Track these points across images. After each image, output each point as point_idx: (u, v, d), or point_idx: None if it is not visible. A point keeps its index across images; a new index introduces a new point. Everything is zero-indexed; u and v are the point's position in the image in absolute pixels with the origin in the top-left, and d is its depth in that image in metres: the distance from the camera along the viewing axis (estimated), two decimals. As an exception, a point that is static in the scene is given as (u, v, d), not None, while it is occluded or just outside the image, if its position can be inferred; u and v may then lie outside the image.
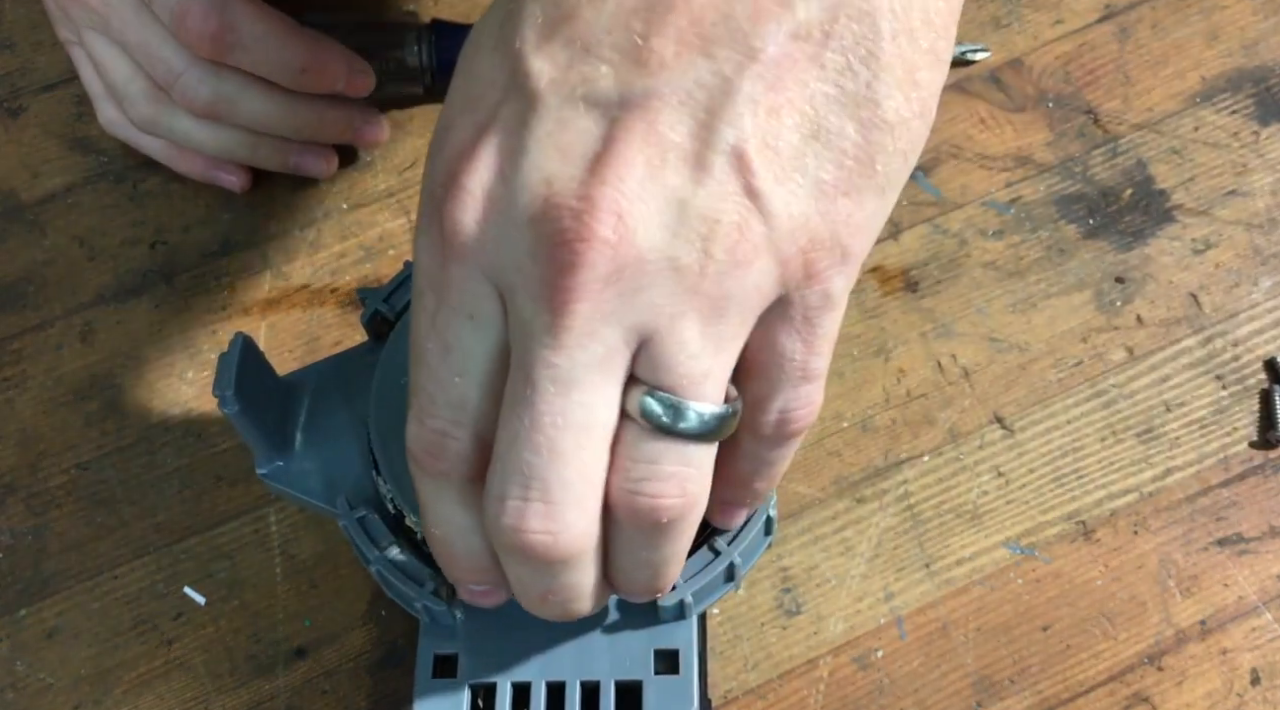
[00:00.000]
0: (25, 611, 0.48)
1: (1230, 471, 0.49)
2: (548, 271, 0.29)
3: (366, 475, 0.42)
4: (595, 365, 0.30)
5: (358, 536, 0.41)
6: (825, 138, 0.30)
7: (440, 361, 0.32)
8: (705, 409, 0.31)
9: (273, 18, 0.49)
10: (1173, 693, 0.45)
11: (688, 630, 0.41)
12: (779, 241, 0.30)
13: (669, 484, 0.32)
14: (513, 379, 0.31)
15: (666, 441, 0.32)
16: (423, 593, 0.40)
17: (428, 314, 0.32)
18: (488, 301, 0.31)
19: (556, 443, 0.31)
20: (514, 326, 0.31)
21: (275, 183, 0.56)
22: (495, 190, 0.30)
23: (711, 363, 0.31)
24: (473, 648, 0.41)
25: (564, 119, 0.30)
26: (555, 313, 0.30)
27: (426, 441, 0.33)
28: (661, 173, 0.29)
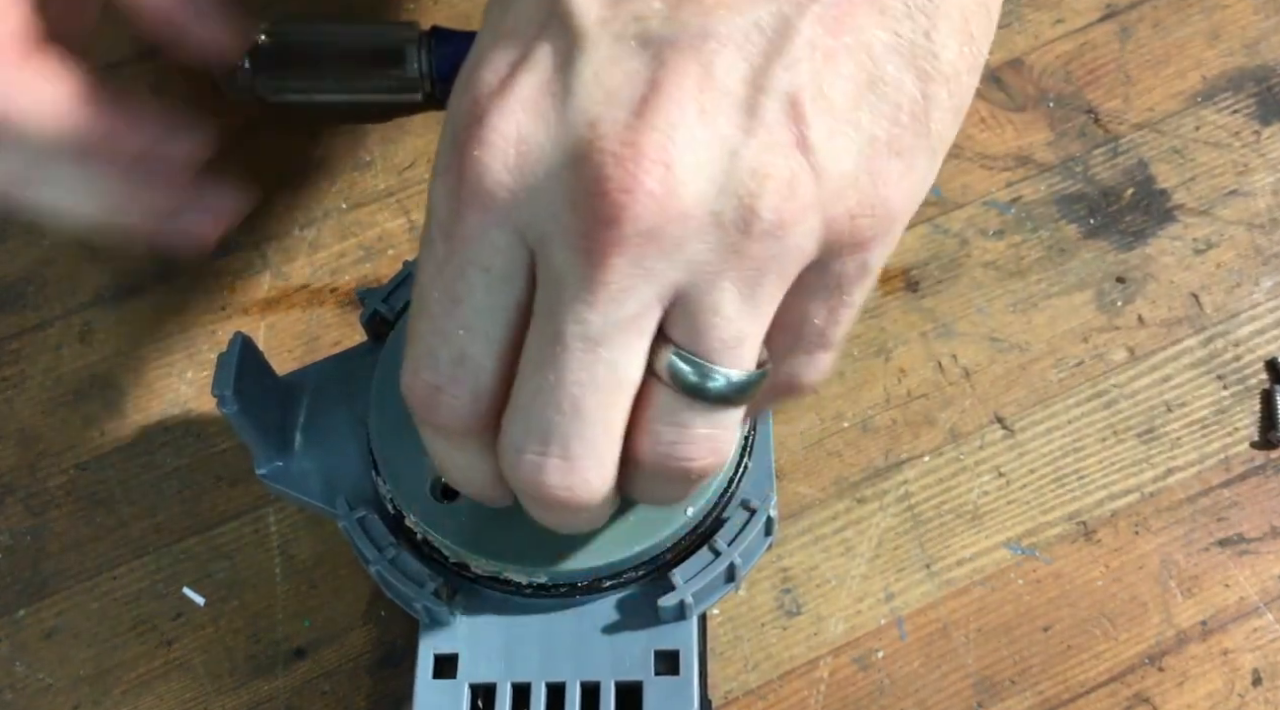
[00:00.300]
0: (24, 612, 0.48)
1: (1231, 472, 0.49)
2: (587, 222, 0.27)
3: (366, 475, 0.42)
4: (628, 323, 0.29)
5: (358, 537, 0.40)
6: (882, 89, 0.28)
7: (444, 312, 0.30)
8: (735, 374, 0.30)
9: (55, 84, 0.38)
10: (1174, 693, 0.45)
11: (688, 631, 0.41)
12: (827, 201, 0.28)
13: (698, 446, 0.31)
14: (538, 333, 0.30)
15: (695, 404, 0.31)
16: (422, 593, 0.40)
17: (435, 262, 0.30)
18: (507, 254, 0.29)
19: (580, 401, 0.30)
20: (543, 279, 0.29)
21: (274, 182, 0.56)
22: (532, 133, 0.28)
23: (746, 327, 0.30)
24: (472, 648, 0.41)
25: (612, 58, 0.28)
26: (592, 266, 0.28)
27: (420, 394, 0.32)
28: (714, 120, 0.28)
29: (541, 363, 0.30)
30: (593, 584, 0.41)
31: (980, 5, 0.30)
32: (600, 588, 0.41)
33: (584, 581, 0.41)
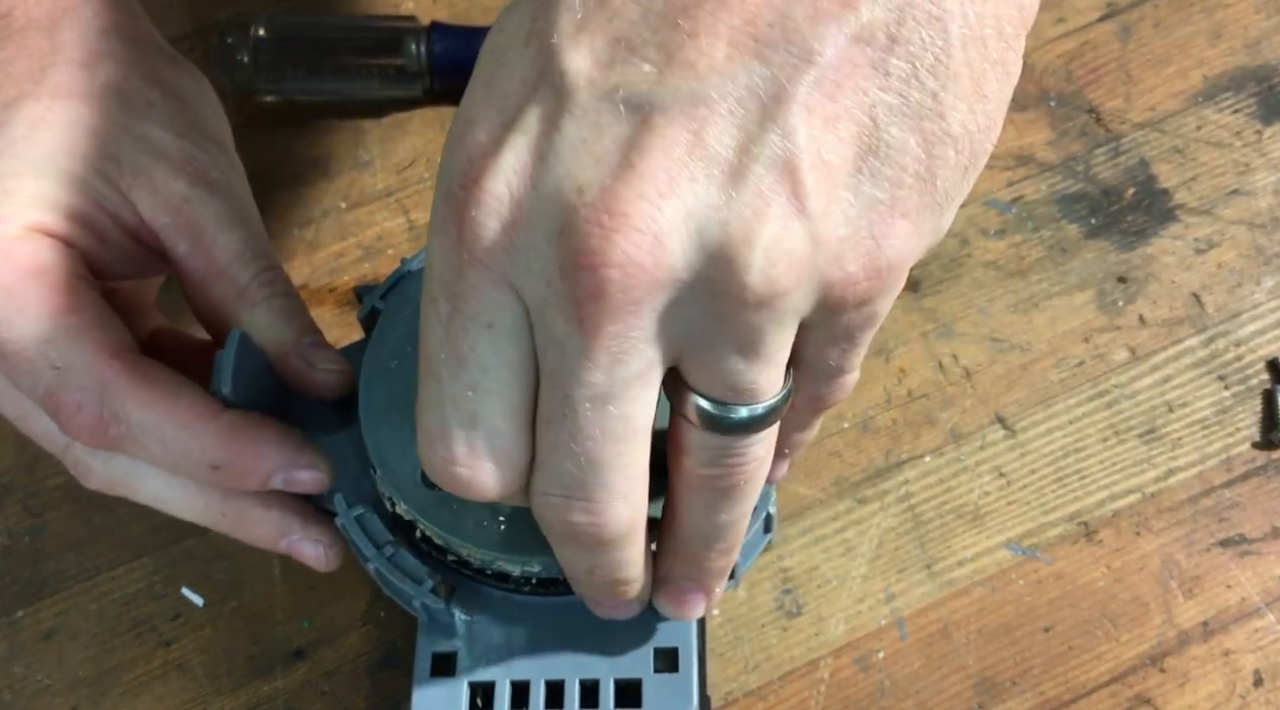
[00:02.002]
0: (23, 612, 0.48)
1: (1233, 472, 0.48)
2: (576, 292, 0.27)
3: (364, 473, 0.41)
4: (633, 380, 0.29)
5: (356, 535, 0.40)
6: (884, 152, 0.28)
7: (452, 374, 0.30)
8: (756, 407, 0.31)
9: (172, 402, 0.37)
10: (1175, 694, 0.45)
11: (687, 628, 0.41)
12: (825, 267, 0.28)
13: (735, 469, 0.32)
14: (547, 391, 0.30)
15: (724, 434, 0.31)
16: (421, 591, 0.40)
17: (440, 321, 0.30)
18: (508, 311, 0.29)
19: (595, 454, 0.30)
20: (544, 341, 0.29)
21: (273, 182, 0.56)
22: (522, 196, 0.28)
23: (754, 377, 0.30)
24: (471, 646, 0.41)
25: (600, 122, 0.27)
26: (587, 334, 0.28)
27: (437, 469, 0.32)
28: (704, 188, 0.27)
29: (554, 420, 0.30)
30: None
31: (997, 64, 0.29)
32: None
33: None
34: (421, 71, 0.56)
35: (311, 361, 0.40)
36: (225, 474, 0.38)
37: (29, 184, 0.37)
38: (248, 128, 0.57)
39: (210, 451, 0.38)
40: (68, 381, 0.36)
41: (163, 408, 0.37)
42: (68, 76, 0.39)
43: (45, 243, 0.37)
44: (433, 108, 0.57)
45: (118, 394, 0.37)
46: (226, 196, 0.40)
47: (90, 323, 0.37)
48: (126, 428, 0.37)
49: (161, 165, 0.39)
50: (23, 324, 0.36)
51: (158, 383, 0.37)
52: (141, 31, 0.43)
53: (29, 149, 0.38)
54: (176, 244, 0.40)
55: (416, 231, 0.55)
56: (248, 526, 0.41)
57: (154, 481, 0.40)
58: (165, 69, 0.42)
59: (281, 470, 0.39)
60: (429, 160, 0.56)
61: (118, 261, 0.40)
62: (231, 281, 0.40)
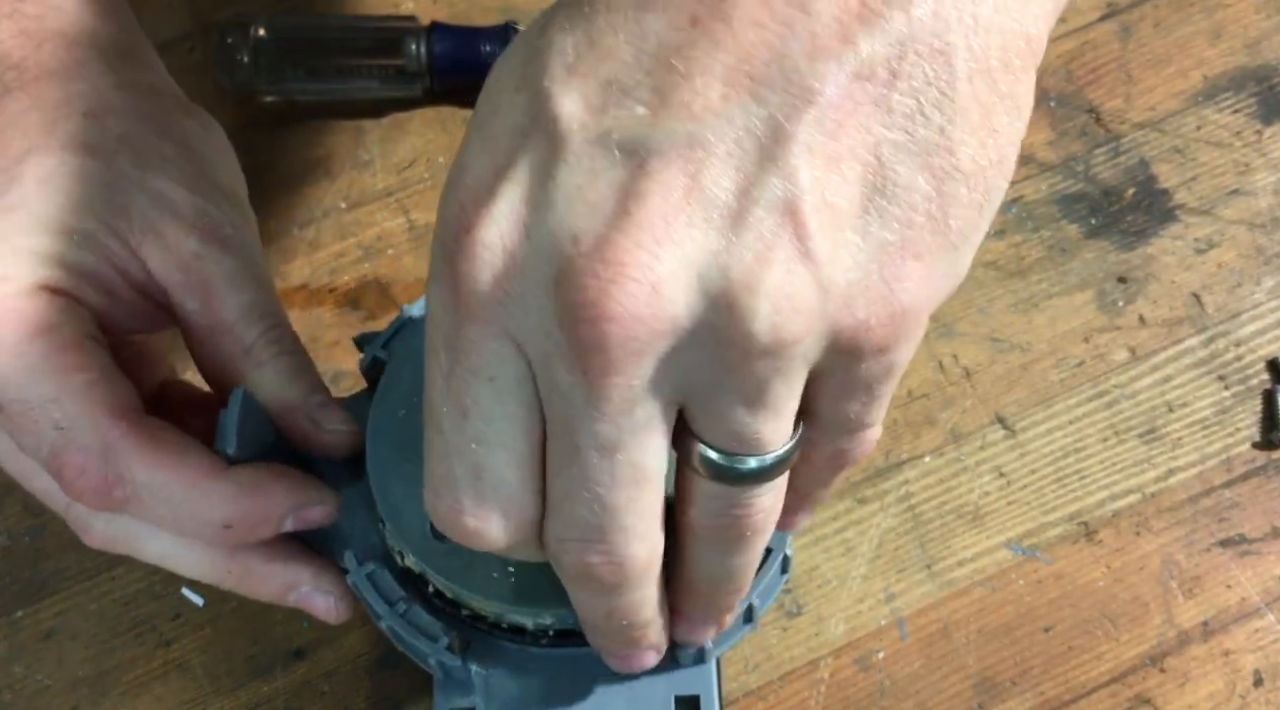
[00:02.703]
0: (22, 612, 0.48)
1: (1233, 472, 0.48)
2: (577, 345, 0.27)
3: (374, 528, 0.41)
4: (641, 428, 0.29)
5: (368, 592, 0.39)
6: (892, 192, 0.27)
7: (456, 428, 0.30)
8: (764, 458, 0.30)
9: (179, 463, 0.36)
10: (1175, 694, 0.45)
11: (708, 675, 0.40)
12: (834, 313, 0.27)
13: (743, 518, 0.32)
14: (555, 439, 0.29)
15: (731, 485, 0.31)
16: (436, 648, 0.39)
17: (441, 373, 0.29)
18: (510, 364, 0.29)
19: (607, 500, 0.30)
20: (548, 392, 0.29)
21: (273, 181, 0.56)
22: (515, 247, 0.27)
23: (760, 427, 0.29)
24: (489, 700, 0.40)
25: (594, 168, 0.26)
26: (591, 386, 0.27)
27: (445, 522, 0.31)
28: (704, 233, 0.26)
29: (564, 468, 0.30)
30: None
31: (1005, 97, 0.28)
32: None
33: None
34: (421, 71, 0.56)
35: (318, 421, 0.40)
36: (237, 531, 0.37)
37: (39, 241, 0.37)
38: (248, 128, 0.57)
39: (220, 510, 0.37)
40: (72, 442, 0.36)
41: (170, 469, 0.36)
42: (80, 128, 0.39)
43: (53, 301, 0.37)
44: (433, 108, 0.57)
45: (123, 455, 0.36)
46: (238, 253, 0.40)
47: (96, 382, 0.36)
48: (132, 489, 0.36)
49: (173, 221, 0.39)
50: (27, 383, 0.35)
51: (164, 443, 0.36)
52: (155, 81, 0.42)
53: (40, 206, 0.37)
54: (185, 301, 0.39)
55: (416, 231, 0.55)
56: (255, 583, 0.40)
57: (158, 541, 0.39)
58: (179, 120, 0.42)
59: (290, 513, 0.38)
60: (429, 160, 0.56)
61: (126, 317, 0.39)
62: (238, 339, 0.39)
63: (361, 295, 0.53)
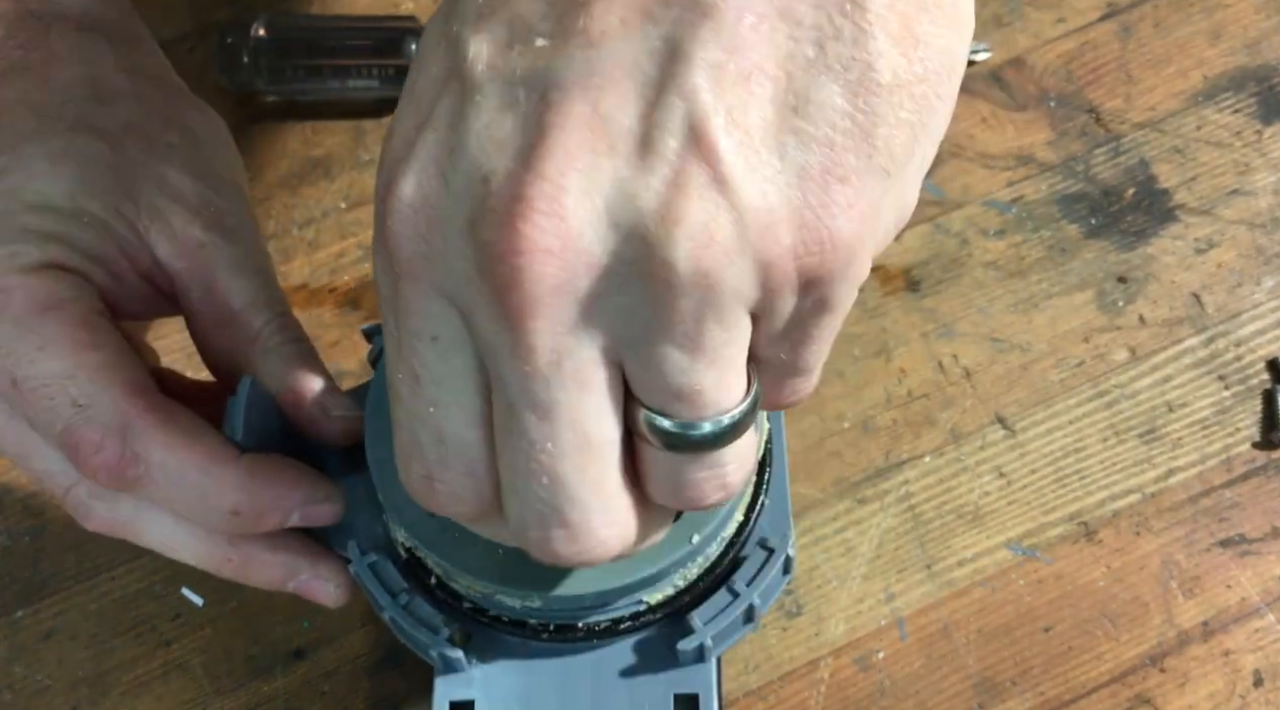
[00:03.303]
0: (22, 612, 0.48)
1: (1233, 472, 0.48)
2: (495, 288, 0.26)
3: (377, 518, 0.41)
4: (575, 385, 0.27)
5: (370, 583, 0.39)
6: (806, 110, 0.26)
7: (411, 392, 0.29)
8: (716, 421, 0.28)
9: (194, 445, 0.36)
10: (1175, 694, 0.45)
11: (707, 674, 0.40)
12: (756, 241, 0.26)
13: (706, 487, 0.30)
14: (496, 405, 0.28)
15: (687, 453, 0.29)
16: (437, 640, 0.39)
17: (392, 341, 0.29)
18: (448, 321, 0.28)
19: (556, 471, 0.28)
20: (482, 348, 0.28)
21: (272, 181, 0.56)
22: (434, 195, 0.27)
23: (700, 379, 0.27)
24: (489, 694, 0.40)
25: (500, 106, 0.26)
26: (514, 332, 0.26)
27: (417, 487, 0.31)
28: (609, 162, 0.25)
29: (507, 435, 0.28)
30: (610, 627, 0.40)
31: (930, 5, 0.27)
32: (618, 631, 0.40)
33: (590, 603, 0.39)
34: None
35: (325, 408, 0.40)
36: (244, 519, 0.37)
37: (47, 220, 0.37)
38: (248, 127, 0.57)
39: (230, 496, 0.37)
40: (90, 419, 0.35)
41: (184, 451, 0.36)
42: (88, 112, 0.39)
43: (62, 277, 0.37)
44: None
45: (141, 434, 0.35)
46: (242, 242, 0.40)
47: (112, 360, 0.36)
48: (146, 469, 0.36)
49: (179, 209, 0.39)
50: (42, 359, 0.35)
51: (180, 424, 0.36)
52: (159, 69, 0.43)
53: (49, 185, 0.37)
54: (190, 289, 0.39)
55: (416, 231, 0.55)
56: (255, 570, 0.40)
57: (159, 526, 0.39)
58: (183, 110, 0.42)
59: (298, 508, 0.38)
60: (429, 160, 0.56)
61: (130, 302, 0.39)
62: (244, 328, 0.39)
63: (361, 295, 0.54)
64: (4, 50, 0.39)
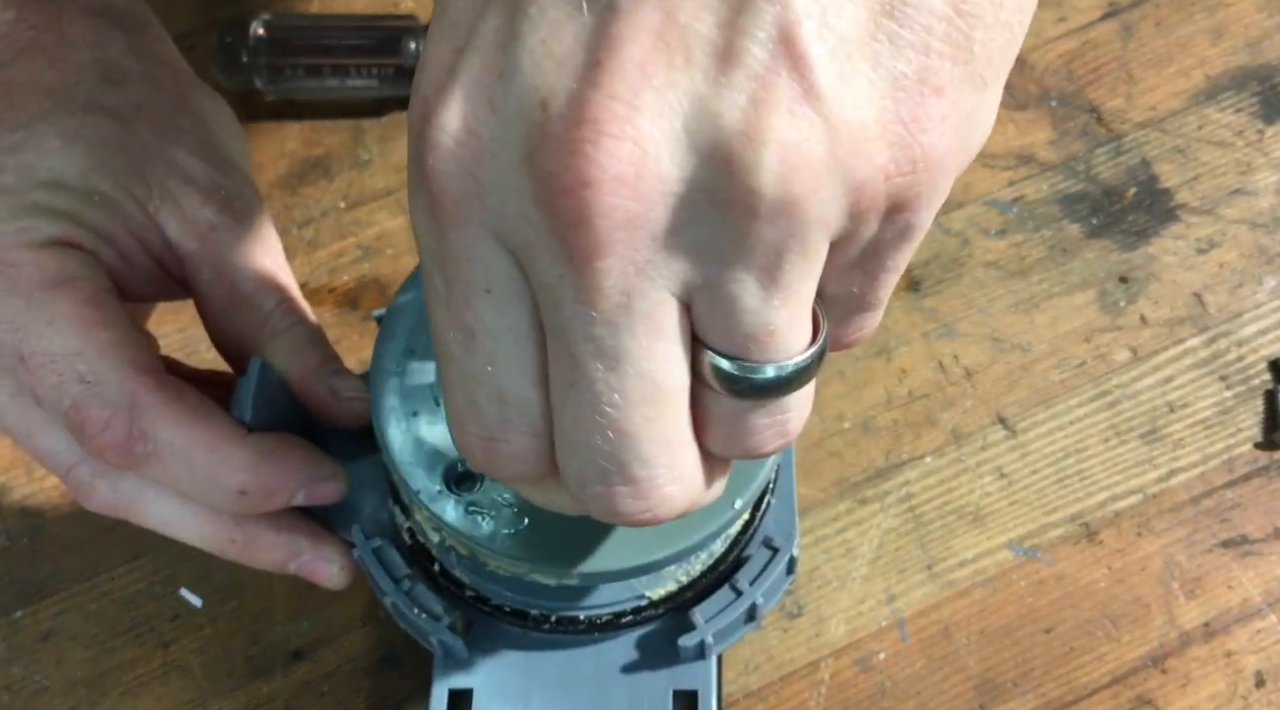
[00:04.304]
0: (21, 613, 0.48)
1: (1234, 473, 0.48)
2: (557, 225, 0.24)
3: (382, 504, 0.41)
4: (644, 330, 0.25)
5: (373, 567, 0.39)
6: (902, 13, 0.23)
7: (466, 352, 0.27)
8: (783, 365, 0.26)
9: (202, 424, 0.36)
10: (1176, 695, 0.45)
11: (707, 671, 0.40)
12: (847, 160, 0.23)
13: (767, 435, 0.28)
14: (554, 355, 0.26)
15: (751, 400, 0.27)
16: (438, 627, 0.39)
17: (438, 297, 0.27)
18: (504, 268, 0.25)
19: (621, 423, 0.26)
20: (540, 294, 0.25)
21: (271, 181, 0.56)
22: (482, 125, 0.24)
23: (775, 317, 0.25)
24: (488, 683, 0.40)
25: (559, 18, 0.23)
26: (580, 274, 0.24)
27: (477, 451, 0.28)
28: (687, 77, 0.23)
29: (567, 388, 0.26)
30: (611, 620, 0.40)
31: None
32: (619, 624, 0.40)
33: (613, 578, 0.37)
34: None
35: (335, 389, 0.40)
36: (251, 498, 0.37)
37: (59, 198, 0.37)
38: (247, 127, 0.57)
39: (237, 476, 0.36)
40: (98, 396, 0.35)
41: (192, 429, 0.36)
42: (100, 93, 0.39)
43: (72, 254, 0.37)
44: (432, 107, 0.57)
45: (148, 412, 0.35)
46: (252, 226, 0.40)
47: (121, 339, 0.36)
48: (153, 447, 0.35)
49: (190, 191, 0.39)
50: (51, 335, 0.35)
51: (188, 403, 0.36)
52: (168, 54, 0.43)
53: (61, 163, 0.37)
54: (201, 271, 0.39)
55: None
56: (258, 551, 0.39)
57: (162, 505, 0.38)
58: (193, 94, 0.42)
59: (304, 486, 0.38)
60: (429, 159, 0.56)
61: (139, 283, 0.39)
62: (255, 310, 0.39)
63: (361, 295, 0.53)
64: (16, 32, 0.39)
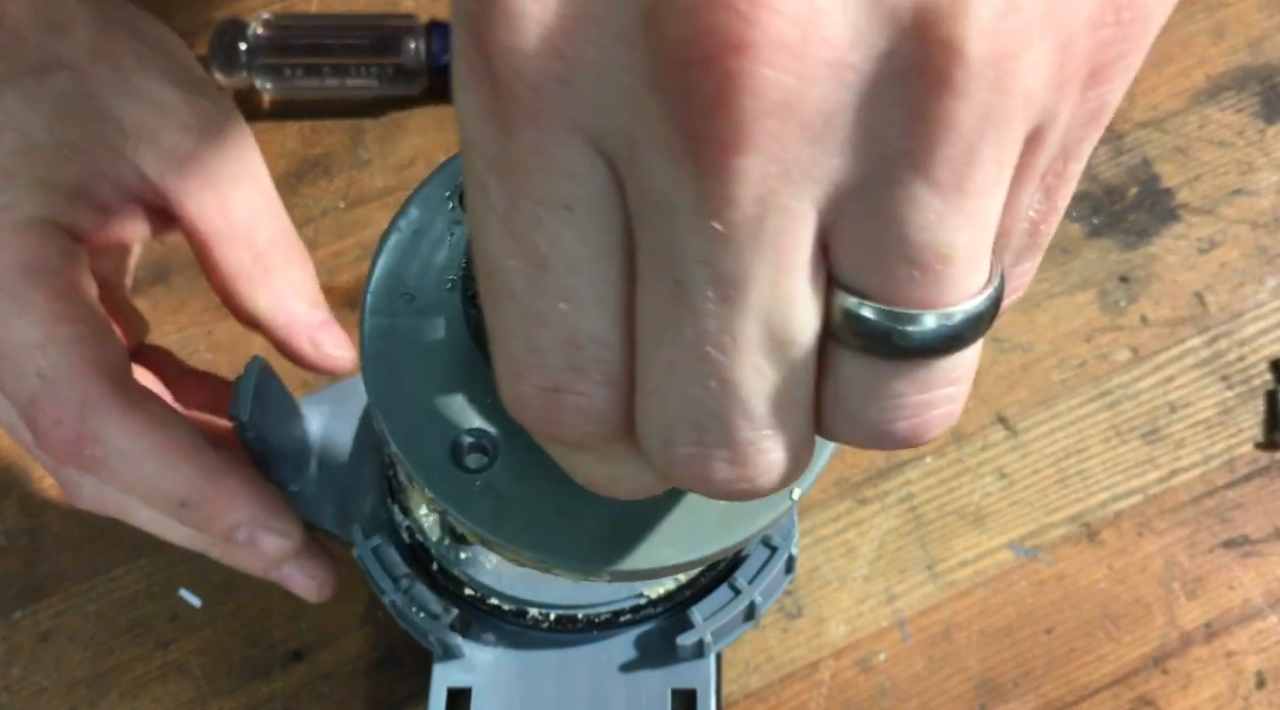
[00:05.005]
0: (20, 614, 0.48)
1: (1235, 473, 0.48)
2: (685, 109, 0.18)
3: (381, 503, 0.41)
4: (774, 251, 0.19)
5: (372, 567, 0.39)
6: None
7: (532, 287, 0.21)
8: (949, 312, 0.20)
9: (154, 432, 0.35)
10: (1177, 696, 0.45)
11: (705, 669, 0.40)
12: (1062, 11, 0.18)
13: (916, 417, 0.21)
14: (651, 284, 0.20)
15: (897, 365, 0.21)
16: (437, 626, 0.39)
17: (497, 217, 0.20)
18: (592, 176, 0.20)
19: (728, 370, 0.20)
20: (640, 204, 0.20)
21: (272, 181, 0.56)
22: None
23: (957, 238, 0.19)
24: (487, 682, 0.40)
25: None
26: (706, 176, 0.18)
27: (535, 406, 0.22)
28: None
29: (666, 326, 0.20)
30: (610, 619, 0.40)
31: None
32: (617, 623, 0.40)
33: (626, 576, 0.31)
34: (420, 70, 0.56)
35: (317, 343, 0.39)
36: (192, 514, 0.36)
37: (32, 162, 0.36)
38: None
39: (181, 488, 0.35)
40: (53, 393, 0.34)
41: (144, 437, 0.35)
42: (49, 45, 0.37)
43: (52, 238, 0.36)
44: (432, 107, 0.57)
45: (100, 414, 0.34)
46: (234, 147, 0.38)
47: (85, 336, 0.35)
48: (104, 451, 0.34)
49: (165, 120, 0.37)
50: (18, 325, 0.34)
51: (143, 409, 0.35)
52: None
53: (28, 122, 0.36)
54: (187, 202, 0.37)
55: (416, 231, 0.54)
56: (239, 557, 0.39)
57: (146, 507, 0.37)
58: (144, 21, 0.40)
59: (249, 526, 0.37)
60: (428, 159, 0.56)
61: (122, 228, 0.38)
62: (248, 243, 0.38)
63: (360, 295, 0.53)
64: None
